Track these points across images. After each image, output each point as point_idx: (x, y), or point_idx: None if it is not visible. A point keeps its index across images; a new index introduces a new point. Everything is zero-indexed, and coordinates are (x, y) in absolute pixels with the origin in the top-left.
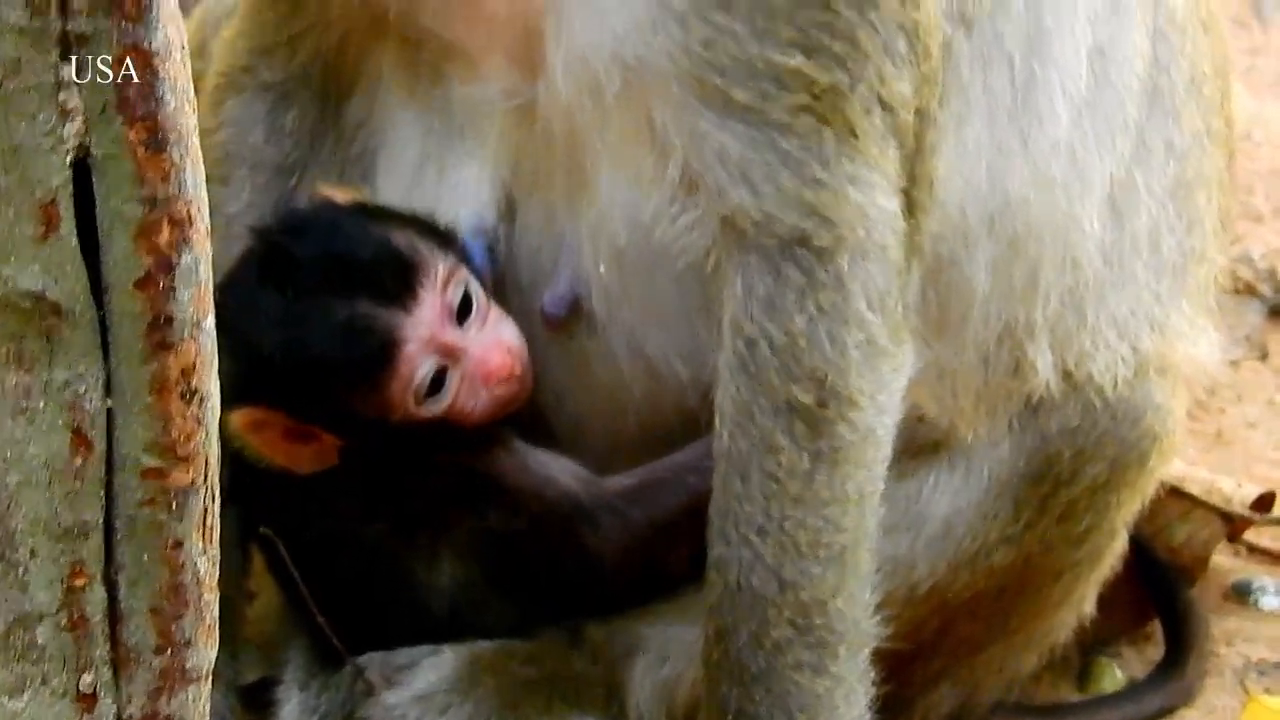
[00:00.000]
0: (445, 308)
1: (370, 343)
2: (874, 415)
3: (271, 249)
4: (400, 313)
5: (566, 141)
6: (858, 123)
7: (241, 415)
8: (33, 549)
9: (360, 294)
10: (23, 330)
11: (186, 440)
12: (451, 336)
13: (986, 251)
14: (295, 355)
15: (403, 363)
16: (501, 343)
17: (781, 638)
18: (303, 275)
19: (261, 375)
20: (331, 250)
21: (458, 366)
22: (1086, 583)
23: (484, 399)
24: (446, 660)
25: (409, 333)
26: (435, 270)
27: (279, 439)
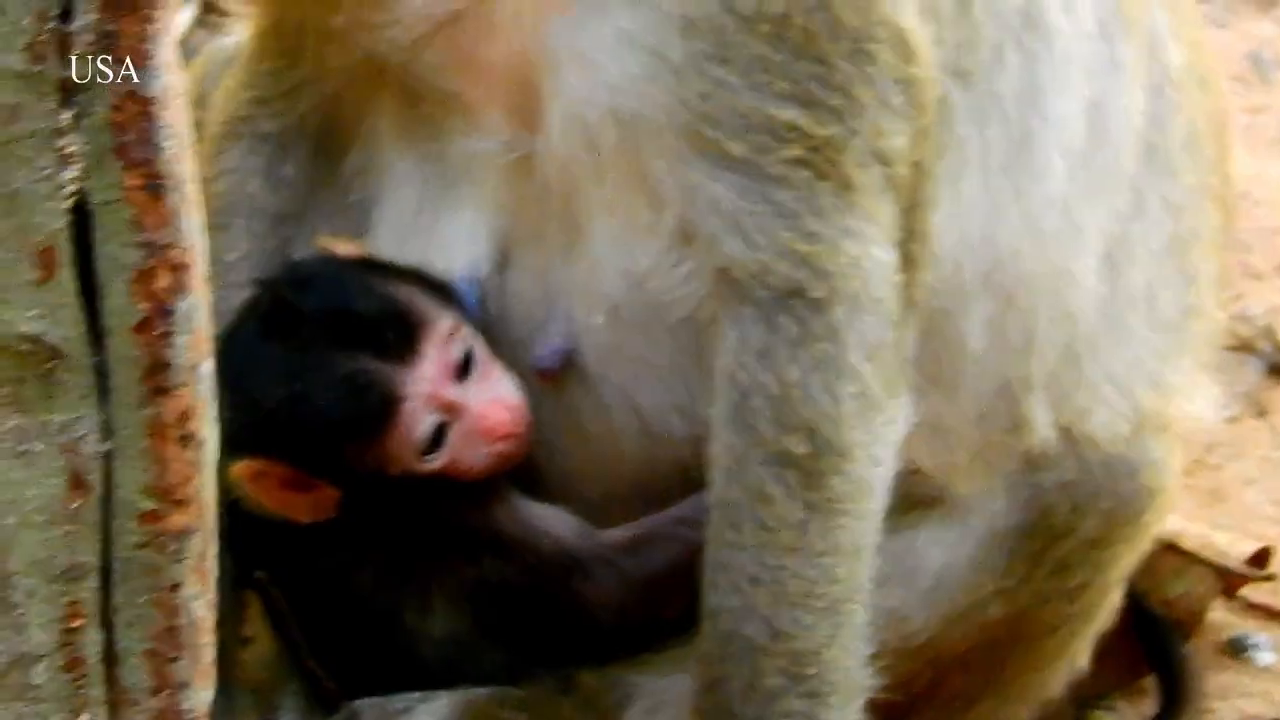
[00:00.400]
0: (446, 364)
1: (371, 398)
2: (868, 467)
3: (275, 301)
4: (402, 369)
5: (562, 194)
6: (854, 176)
7: (241, 467)
8: (29, 591)
9: (363, 349)
10: (21, 373)
11: (184, 484)
12: (452, 393)
13: (982, 306)
14: (296, 409)
15: (403, 419)
16: (501, 400)
17: (774, 687)
18: (306, 329)
19: (262, 427)
20: (335, 305)
21: (457, 422)
22: (1081, 636)
23: (483, 455)
24: (440, 707)
25: (410, 389)
26: (437, 327)
27: (278, 489)
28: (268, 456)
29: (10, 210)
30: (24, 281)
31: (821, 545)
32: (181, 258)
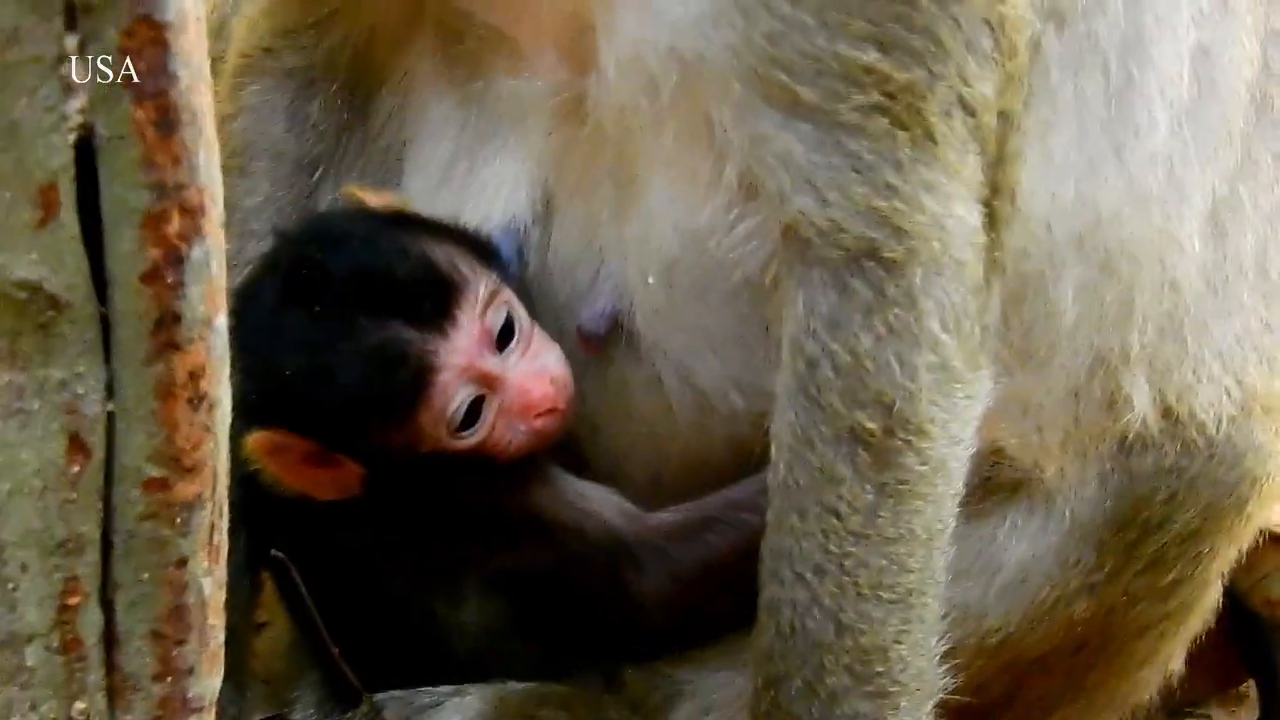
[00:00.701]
0: (485, 333)
1: (402, 371)
2: (945, 446)
3: (299, 260)
4: (436, 338)
5: (615, 142)
6: (936, 126)
7: (258, 439)
8: (23, 564)
9: (394, 316)
10: (17, 325)
11: (193, 450)
12: (490, 365)
13: (1075, 272)
14: (319, 381)
15: (436, 393)
16: (544, 373)
17: (838, 686)
18: (332, 292)
19: (280, 397)
20: (365, 266)
21: (495, 397)
22: (1174, 639)
23: (522, 432)
24: (471, 703)
25: (444, 360)
26: (476, 292)
27: (298, 464)
28: (286, 429)
29: (8, 144)
30: (22, 223)
31: (893, 532)
32: (195, 200)
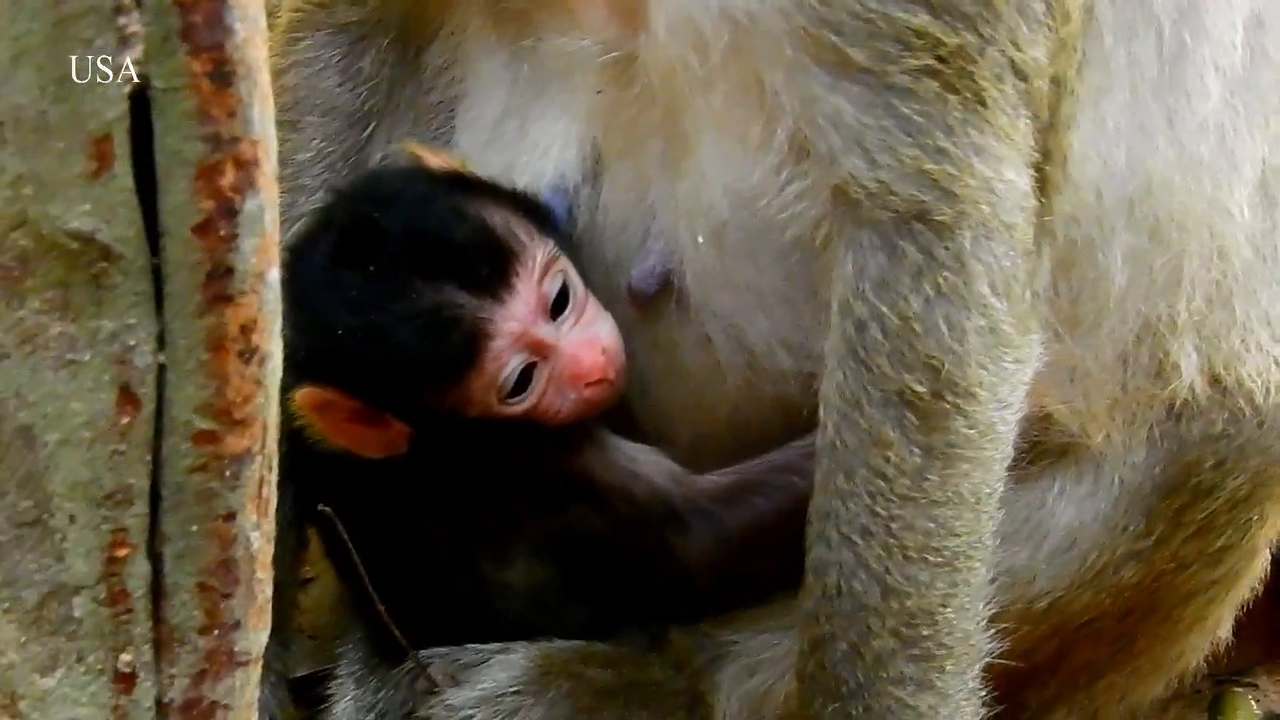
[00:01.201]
0: (540, 300)
1: (456, 335)
2: (994, 410)
3: (355, 218)
4: (491, 304)
5: (665, 101)
6: (987, 89)
7: (306, 395)
8: (71, 515)
9: (449, 279)
10: (69, 276)
11: (244, 403)
12: (543, 333)
13: (1125, 239)
14: (371, 340)
15: (489, 359)
16: (597, 342)
17: (883, 649)
18: (387, 252)
19: (330, 354)
20: (422, 227)
21: (546, 364)
22: (1221, 606)
23: (571, 400)
24: (517, 660)
25: (499, 327)
26: (533, 258)
27: (345, 421)
28: (335, 386)
29: (63, 95)
30: (76, 174)
31: (940, 494)
32: (250, 153)
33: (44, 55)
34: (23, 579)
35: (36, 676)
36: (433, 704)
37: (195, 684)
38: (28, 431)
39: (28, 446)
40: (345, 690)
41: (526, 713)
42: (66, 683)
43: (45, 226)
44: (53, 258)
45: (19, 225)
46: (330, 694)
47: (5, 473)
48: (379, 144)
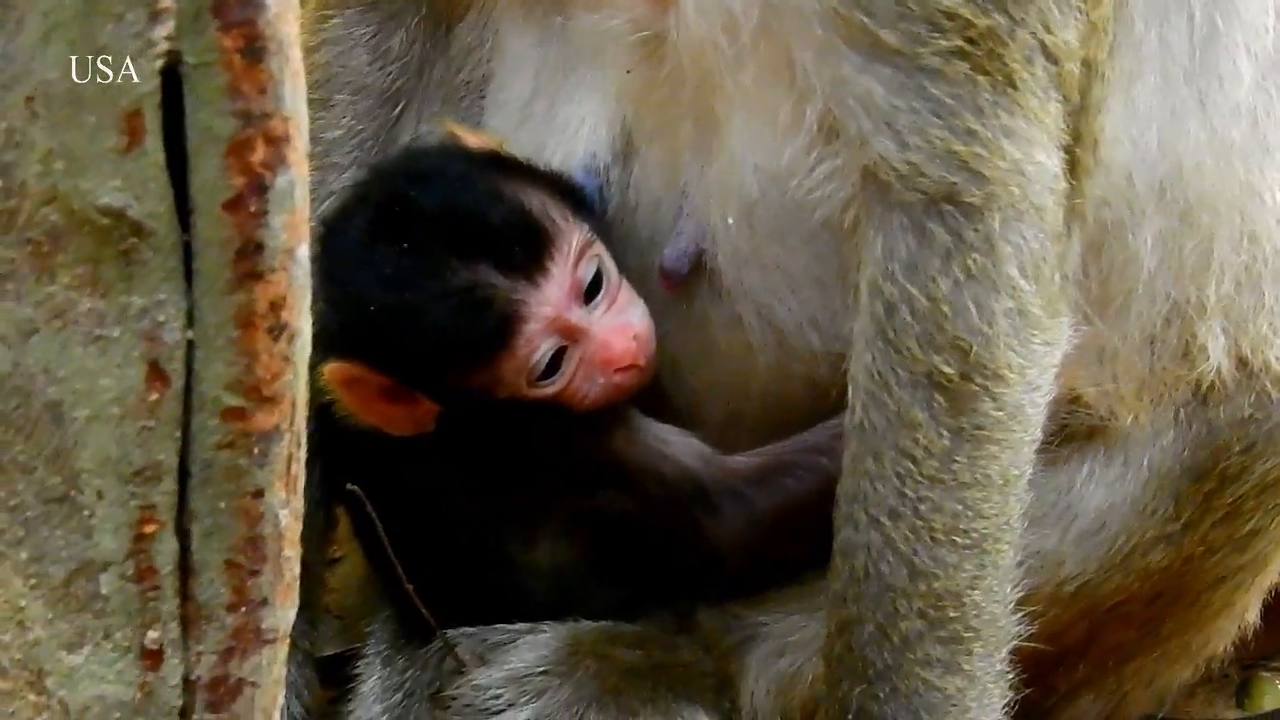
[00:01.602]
0: (574, 285)
1: (488, 317)
2: (1022, 392)
3: (391, 195)
4: (526, 286)
5: (696, 82)
6: (1017, 72)
7: (335, 369)
8: (99, 491)
9: (485, 260)
10: (99, 251)
11: (273, 380)
12: (577, 317)
13: (1155, 222)
14: (404, 317)
15: (520, 343)
16: (628, 328)
17: (911, 631)
18: (422, 229)
19: (361, 330)
20: (459, 206)
21: (577, 348)
22: (1250, 591)
23: (600, 385)
24: (545, 640)
25: (533, 310)
26: (569, 242)
27: (373, 398)
28: (365, 362)
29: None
30: (107, 149)
31: (968, 476)
32: (281, 129)
33: (75, 30)
34: (50, 555)
35: (63, 653)
36: (460, 684)
37: (222, 661)
38: (56, 407)
39: (56, 423)
40: (372, 669)
41: (554, 693)
42: (93, 660)
43: (76, 202)
44: (83, 233)
45: (49, 200)
46: (357, 673)
47: (34, 449)
48: (409, 123)
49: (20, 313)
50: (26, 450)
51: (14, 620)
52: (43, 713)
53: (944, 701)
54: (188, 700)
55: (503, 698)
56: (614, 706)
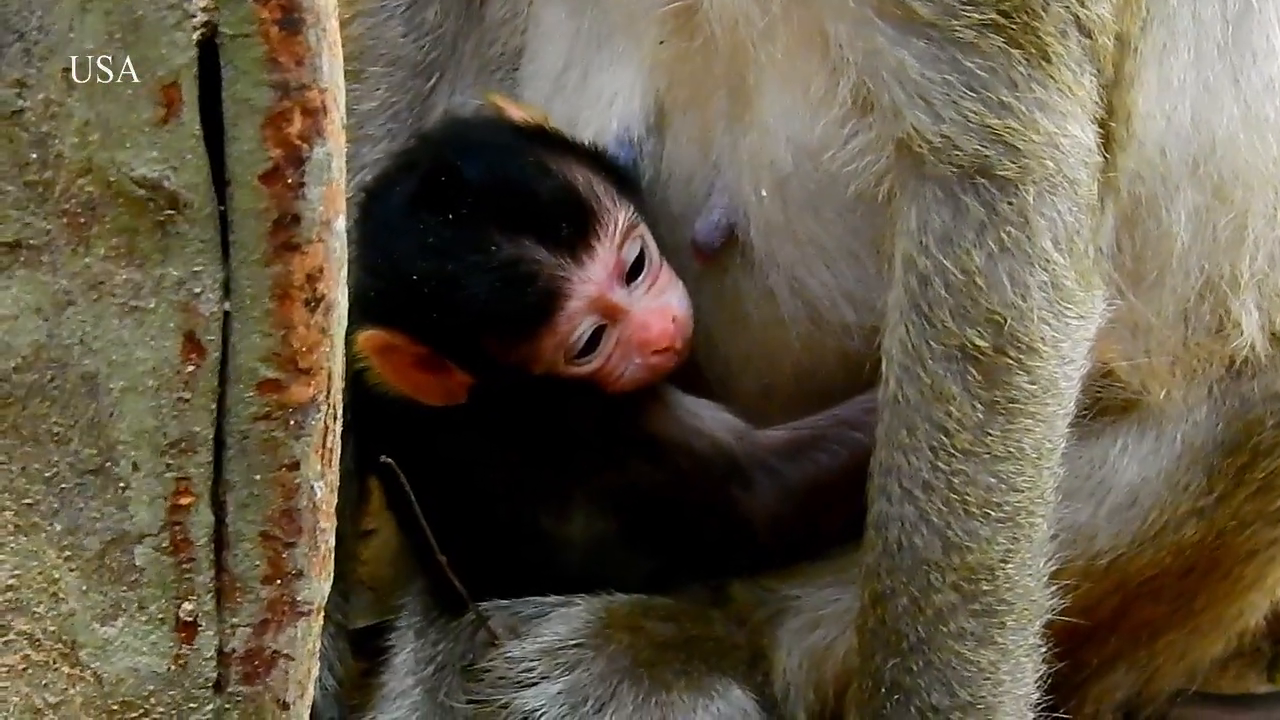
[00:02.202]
0: (618, 265)
1: (531, 292)
2: (1056, 365)
3: (436, 164)
4: (570, 264)
5: (729, 54)
6: (1051, 45)
7: (370, 336)
8: (135, 463)
9: (530, 234)
10: (136, 223)
11: (309, 352)
12: (618, 297)
13: (1188, 197)
14: (445, 288)
15: (562, 320)
16: (667, 310)
17: (944, 604)
18: (468, 201)
19: (399, 298)
20: (505, 178)
21: (615, 328)
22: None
23: (635, 366)
24: (578, 613)
25: (576, 288)
26: (615, 222)
27: (407, 366)
28: (401, 330)
29: (132, 41)
30: (144, 121)
31: (1002, 450)
32: (318, 101)
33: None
34: (85, 527)
35: (97, 625)
36: (493, 656)
37: (257, 634)
38: (92, 379)
39: (92, 394)
40: (405, 642)
41: (587, 665)
42: (128, 631)
43: (112, 173)
44: (119, 205)
45: (86, 172)
46: (390, 645)
47: (69, 420)
48: (442, 95)
49: (56, 284)
50: (62, 421)
51: (48, 592)
52: (76, 684)
53: (977, 674)
54: (222, 673)
55: (535, 670)
56: (647, 679)
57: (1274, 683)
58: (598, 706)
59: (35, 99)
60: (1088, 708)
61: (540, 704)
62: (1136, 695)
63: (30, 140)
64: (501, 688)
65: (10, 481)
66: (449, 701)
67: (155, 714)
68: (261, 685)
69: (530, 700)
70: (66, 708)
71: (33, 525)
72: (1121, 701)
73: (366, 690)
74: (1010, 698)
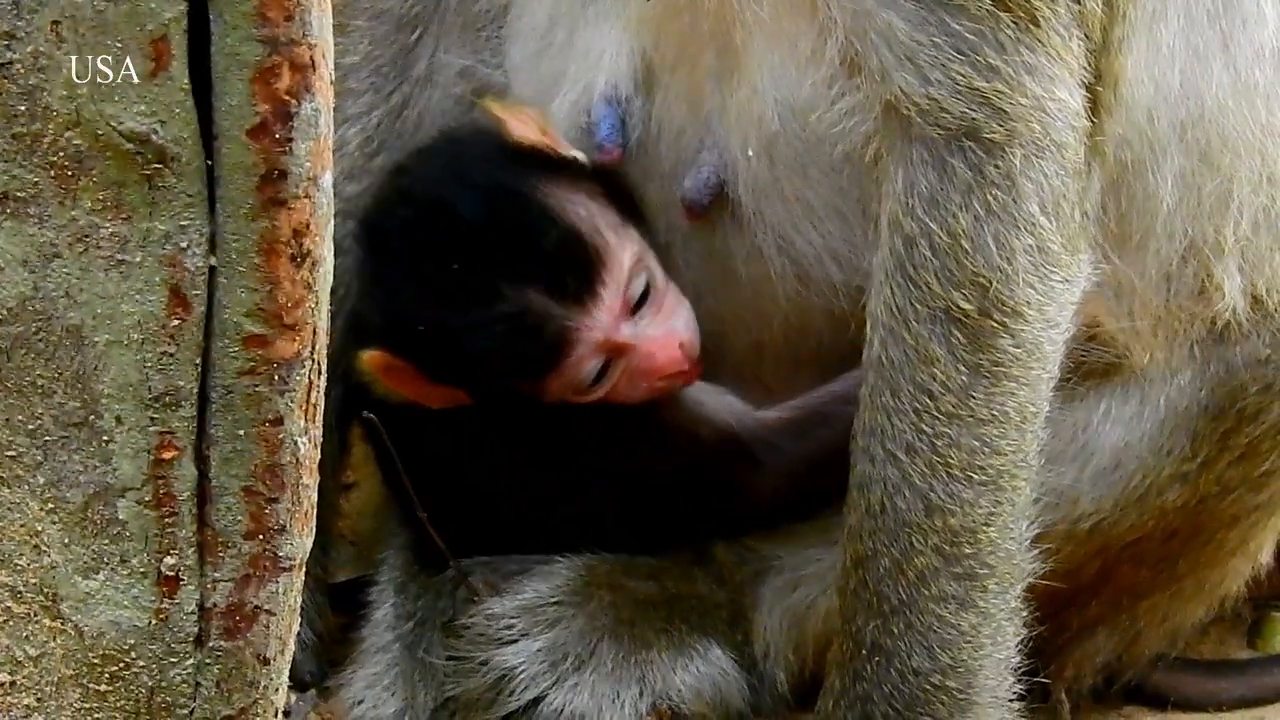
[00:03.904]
0: (624, 304)
1: (538, 342)
2: (1040, 329)
3: (433, 201)
4: (577, 312)
5: (715, 10)
6: (1039, 9)
7: (374, 357)
8: (119, 416)
9: (535, 285)
10: (123, 176)
11: (294, 307)
12: (624, 335)
13: (1175, 161)
14: (450, 337)
15: (570, 364)
16: (673, 337)
17: (926, 567)
18: (470, 247)
19: (404, 333)
20: (507, 224)
21: (622, 359)
22: (1264, 530)
23: (643, 389)
24: (559, 570)
25: (582, 335)
26: (620, 262)
27: (411, 380)
28: (406, 360)
29: None
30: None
31: (985, 413)
32: (306, 56)
33: None
34: (68, 479)
35: (79, 578)
36: (473, 612)
37: (239, 589)
38: (77, 331)
39: (76, 346)
40: (385, 597)
41: (568, 623)
42: (109, 585)
43: (100, 126)
44: (107, 158)
45: (74, 125)
46: (370, 600)
47: (53, 372)
48: (427, 49)
49: (42, 236)
50: (46, 374)
51: (30, 544)
52: (57, 637)
53: (958, 637)
54: (203, 627)
55: (516, 627)
56: (627, 638)
57: (1255, 649)
58: (577, 664)
59: (24, 51)
60: (1068, 671)
61: (520, 661)
62: (1117, 659)
63: (18, 92)
64: (481, 644)
65: None
66: (428, 658)
67: (136, 667)
68: (242, 640)
69: (510, 657)
70: (47, 660)
71: (16, 477)
72: (1102, 665)
73: (346, 645)
74: (991, 661)
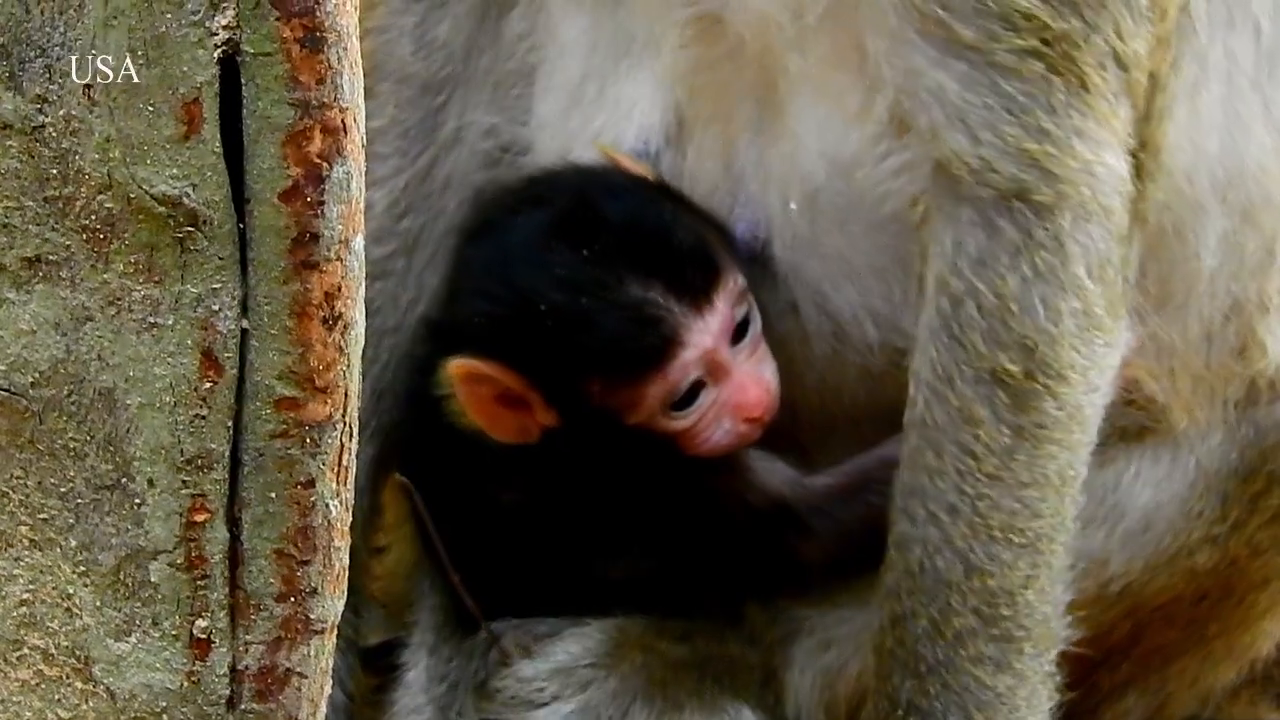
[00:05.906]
0: (730, 323)
1: (653, 336)
2: (1084, 393)
3: (577, 200)
4: (692, 314)
5: (757, 62)
6: (1090, 76)
7: (461, 364)
8: (151, 479)
9: (661, 279)
10: (155, 239)
11: (326, 370)
12: (726, 355)
13: (1218, 222)
14: (571, 321)
15: (675, 366)
16: (764, 379)
17: (964, 627)
18: (606, 240)
19: (516, 328)
20: (645, 221)
21: (715, 387)
22: None
23: (724, 430)
24: (590, 632)
25: (694, 337)
26: (734, 279)
27: (490, 399)
28: (501, 361)
29: (154, 58)
30: (165, 138)
31: (1027, 475)
32: (338, 120)
33: (135, 17)
34: (100, 542)
35: (111, 640)
36: (505, 675)
37: (271, 651)
38: (109, 394)
39: (109, 409)
40: (417, 659)
41: (599, 685)
42: (141, 648)
43: (132, 189)
44: (139, 220)
45: (106, 188)
46: (402, 662)
47: (86, 435)
48: (454, 112)
49: (75, 299)
50: (78, 436)
51: (62, 607)
52: (89, 700)
53: (994, 699)
54: (235, 690)
55: (547, 690)
56: (659, 699)
57: None
58: None
59: (56, 115)
60: None
61: None
62: None
63: (51, 156)
64: (514, 707)
65: (26, 496)
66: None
67: None
68: (274, 703)
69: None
70: None
71: (48, 540)
72: None
73: (377, 707)
74: None
